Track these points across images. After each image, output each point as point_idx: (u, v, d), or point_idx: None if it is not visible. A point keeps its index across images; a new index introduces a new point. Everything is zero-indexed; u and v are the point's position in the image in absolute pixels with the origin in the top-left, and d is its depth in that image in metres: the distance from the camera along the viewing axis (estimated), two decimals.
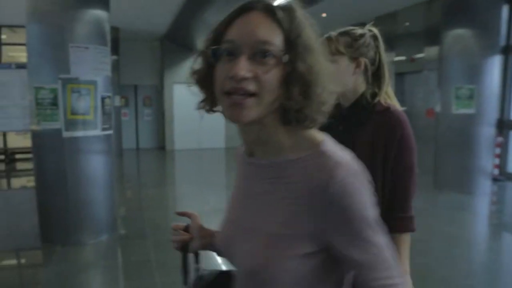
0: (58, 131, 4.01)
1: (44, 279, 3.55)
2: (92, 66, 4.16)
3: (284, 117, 0.75)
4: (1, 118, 8.74)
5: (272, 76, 0.71)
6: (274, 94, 0.72)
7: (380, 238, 0.75)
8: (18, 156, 9.68)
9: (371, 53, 1.37)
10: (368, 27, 1.41)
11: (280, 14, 0.73)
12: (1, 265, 3.89)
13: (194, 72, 0.83)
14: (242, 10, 0.74)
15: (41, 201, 4.25)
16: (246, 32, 0.72)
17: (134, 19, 8.87)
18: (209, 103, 0.83)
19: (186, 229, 1.09)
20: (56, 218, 4.16)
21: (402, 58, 8.67)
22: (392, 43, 8.11)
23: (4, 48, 9.94)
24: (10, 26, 9.88)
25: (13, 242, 4.37)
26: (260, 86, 0.71)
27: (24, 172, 8.87)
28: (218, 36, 0.76)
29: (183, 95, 11.58)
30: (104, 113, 4.27)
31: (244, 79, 0.70)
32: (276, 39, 0.72)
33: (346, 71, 1.35)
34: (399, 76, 8.67)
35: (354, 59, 1.35)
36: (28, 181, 8.25)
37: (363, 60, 1.35)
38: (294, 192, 0.74)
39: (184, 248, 1.06)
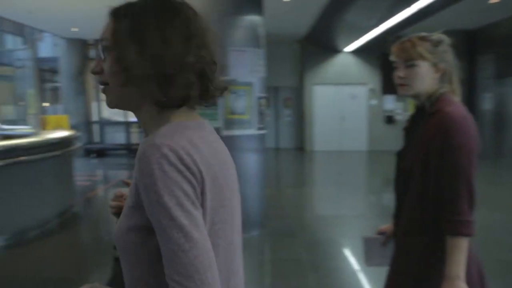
0: (217, 130, 4.30)
1: None
2: (249, 68, 4.39)
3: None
4: None
5: (107, 66, 0.82)
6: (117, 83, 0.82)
7: (181, 233, 0.68)
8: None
9: (448, 59, 1.41)
10: (437, 33, 1.44)
11: (115, 12, 0.82)
12: None
13: None
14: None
15: None
16: None
17: (277, 23, 9.15)
18: None
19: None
20: None
21: None
22: None
23: None
24: None
25: None
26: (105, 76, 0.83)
27: None
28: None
29: (323, 96, 11.56)
30: (259, 113, 4.46)
31: (93, 73, 0.85)
32: (108, 35, 0.82)
33: (426, 75, 1.40)
34: None
35: (434, 64, 1.40)
36: None
37: (443, 66, 1.41)
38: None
39: (119, 214, 0.97)
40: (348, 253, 4.01)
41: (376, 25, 7.79)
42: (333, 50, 11.24)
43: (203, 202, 0.75)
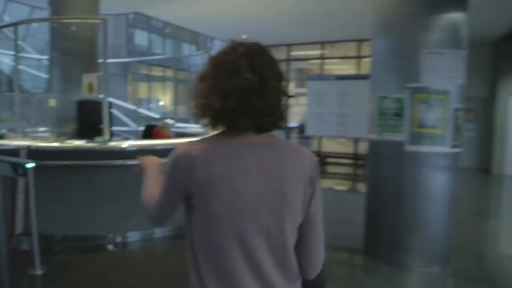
0: (400, 144, 3.70)
1: None
2: (446, 73, 3.64)
3: None
4: (318, 124, 9.80)
5: None
6: None
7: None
8: (329, 159, 10.63)
9: None
10: None
11: None
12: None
13: None
14: None
15: (371, 209, 4.11)
16: None
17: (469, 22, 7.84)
18: None
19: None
20: (385, 232, 3.89)
21: None
22: None
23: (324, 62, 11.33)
24: (332, 42, 10.98)
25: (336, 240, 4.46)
26: None
27: (333, 175, 9.60)
28: None
29: None
30: (455, 127, 3.67)
31: None
32: None
33: None
34: None
35: None
36: (335, 184, 8.77)
37: None
38: None
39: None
40: None
41: None
42: None
43: (191, 196, 1.07)
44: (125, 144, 4.37)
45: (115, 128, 13.58)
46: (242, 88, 1.01)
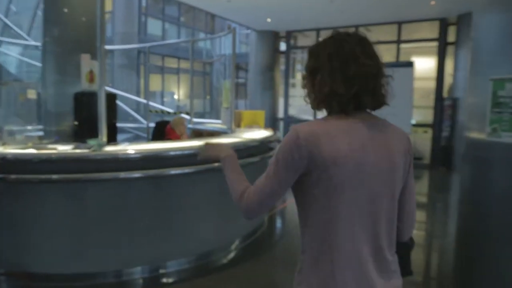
0: None
1: None
2: None
3: None
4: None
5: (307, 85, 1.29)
6: None
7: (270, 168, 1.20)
8: None
9: None
10: None
11: (310, 51, 1.29)
12: None
13: None
14: None
15: (467, 235, 3.02)
16: None
17: None
18: None
19: None
20: (491, 272, 2.80)
21: None
22: None
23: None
24: (366, 25, 9.71)
25: None
26: None
27: None
28: None
29: None
30: None
31: (302, 87, 1.32)
32: (306, 66, 1.30)
33: None
34: None
35: None
36: None
37: None
38: None
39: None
40: None
41: None
42: None
43: (308, 172, 1.15)
44: (126, 150, 3.31)
45: (123, 125, 12.78)
46: (364, 73, 1.15)
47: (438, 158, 9.50)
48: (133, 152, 3.25)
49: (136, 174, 3.14)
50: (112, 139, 4.43)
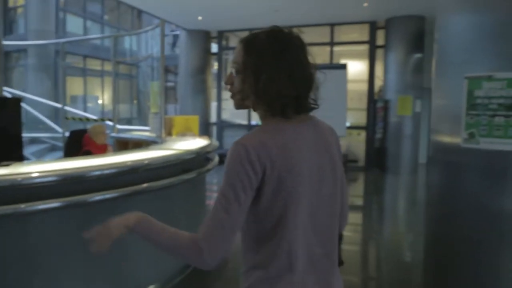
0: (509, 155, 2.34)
1: None
2: None
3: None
4: None
5: (236, 82, 1.19)
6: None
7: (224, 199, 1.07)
8: None
9: None
10: None
11: (246, 45, 1.16)
12: None
13: None
14: None
15: (436, 244, 2.82)
16: None
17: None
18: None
19: None
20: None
21: None
22: None
23: None
24: (299, 26, 9.64)
25: None
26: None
27: None
28: None
29: None
30: None
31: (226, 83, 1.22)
32: (239, 61, 1.17)
33: None
34: None
35: None
36: None
37: None
38: None
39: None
40: None
41: None
42: None
43: (261, 187, 1.08)
44: (27, 173, 2.60)
45: (37, 135, 11.45)
46: (307, 76, 1.15)
47: (372, 160, 9.64)
48: (36, 174, 2.56)
49: (42, 205, 2.48)
50: (15, 155, 3.67)
